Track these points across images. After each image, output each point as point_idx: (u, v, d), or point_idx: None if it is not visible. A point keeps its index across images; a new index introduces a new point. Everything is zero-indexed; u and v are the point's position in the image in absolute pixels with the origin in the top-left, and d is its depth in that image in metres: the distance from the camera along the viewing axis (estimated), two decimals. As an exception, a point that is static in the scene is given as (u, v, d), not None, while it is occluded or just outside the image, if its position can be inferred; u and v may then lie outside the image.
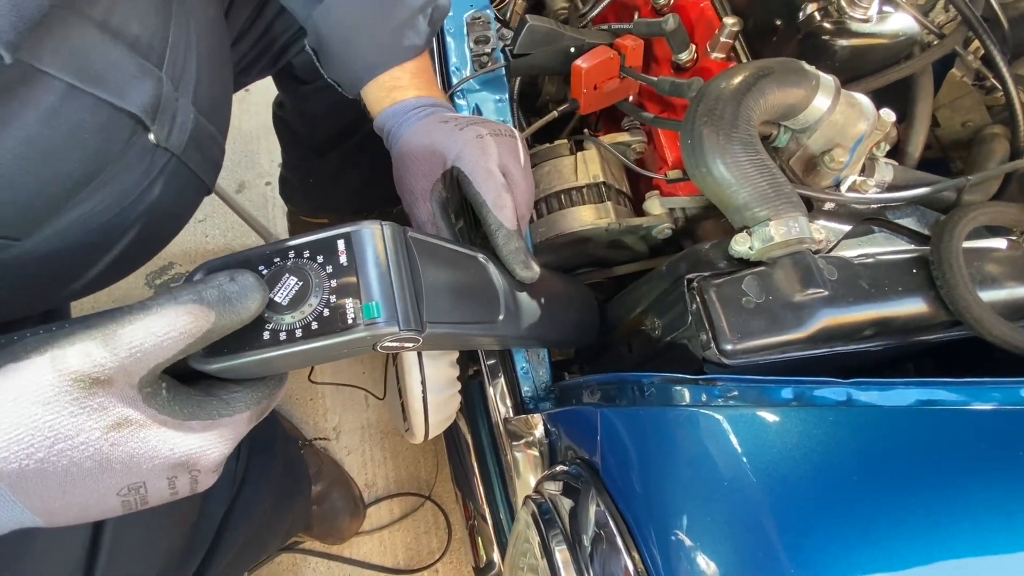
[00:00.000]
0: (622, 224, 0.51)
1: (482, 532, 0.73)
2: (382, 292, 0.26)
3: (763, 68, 0.34)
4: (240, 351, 0.26)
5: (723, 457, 0.29)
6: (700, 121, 0.34)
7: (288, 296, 0.26)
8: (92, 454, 0.24)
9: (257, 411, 0.28)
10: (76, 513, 0.25)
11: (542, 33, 0.52)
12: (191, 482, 0.27)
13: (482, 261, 0.36)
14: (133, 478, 0.25)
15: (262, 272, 0.27)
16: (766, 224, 0.33)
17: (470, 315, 0.33)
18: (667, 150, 0.56)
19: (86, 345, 0.23)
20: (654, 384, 0.33)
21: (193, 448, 0.26)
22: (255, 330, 0.26)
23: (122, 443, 0.24)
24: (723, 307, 0.33)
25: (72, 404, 0.23)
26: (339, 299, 0.26)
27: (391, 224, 0.28)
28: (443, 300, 0.30)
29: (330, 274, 0.26)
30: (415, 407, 0.54)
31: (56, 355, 0.23)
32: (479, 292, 0.34)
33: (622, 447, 0.32)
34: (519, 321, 0.37)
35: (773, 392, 0.31)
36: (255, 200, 1.13)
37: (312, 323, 0.26)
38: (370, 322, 0.25)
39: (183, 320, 0.24)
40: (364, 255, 0.27)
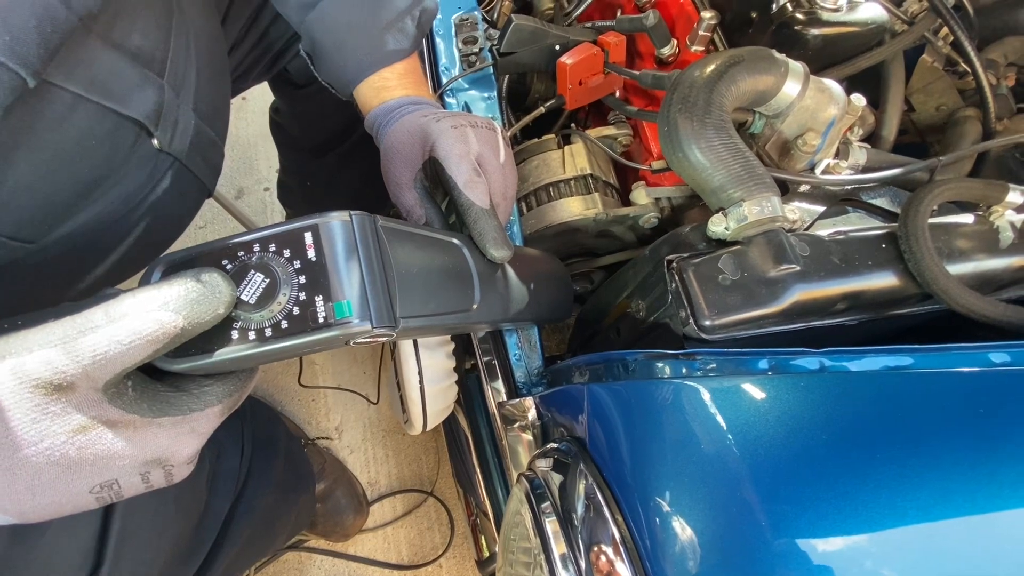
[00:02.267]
0: (609, 214, 0.53)
1: (484, 527, 0.74)
2: (353, 289, 0.25)
3: (734, 56, 0.36)
4: (208, 351, 0.25)
5: (702, 424, 0.31)
6: (675, 108, 0.36)
7: (255, 294, 0.25)
8: (58, 459, 0.23)
9: (229, 403, 0.28)
10: (49, 511, 0.24)
11: (527, 32, 0.54)
12: (166, 475, 0.27)
13: (457, 245, 0.35)
14: (104, 476, 0.25)
15: (227, 268, 0.26)
16: (740, 204, 0.34)
17: (444, 305, 0.32)
18: (652, 142, 0.57)
19: (46, 353, 0.22)
20: (637, 360, 0.35)
21: (164, 445, 0.26)
22: (223, 329, 0.25)
23: (88, 446, 0.24)
24: (700, 285, 0.34)
25: (33, 411, 0.22)
26: (309, 296, 0.25)
27: (360, 214, 0.27)
28: (416, 291, 0.29)
29: (298, 270, 0.25)
30: (413, 397, 0.56)
31: (15, 364, 0.22)
32: (454, 279, 0.33)
33: (606, 420, 0.33)
34: (494, 306, 0.37)
35: (750, 363, 0.32)
36: (254, 206, 1.15)
37: (282, 322, 0.25)
38: (342, 321, 0.25)
39: (149, 328, 0.23)
40: (333, 249, 0.26)
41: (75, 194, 0.38)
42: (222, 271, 0.25)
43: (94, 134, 0.36)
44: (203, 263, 0.26)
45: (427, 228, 0.34)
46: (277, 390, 1.03)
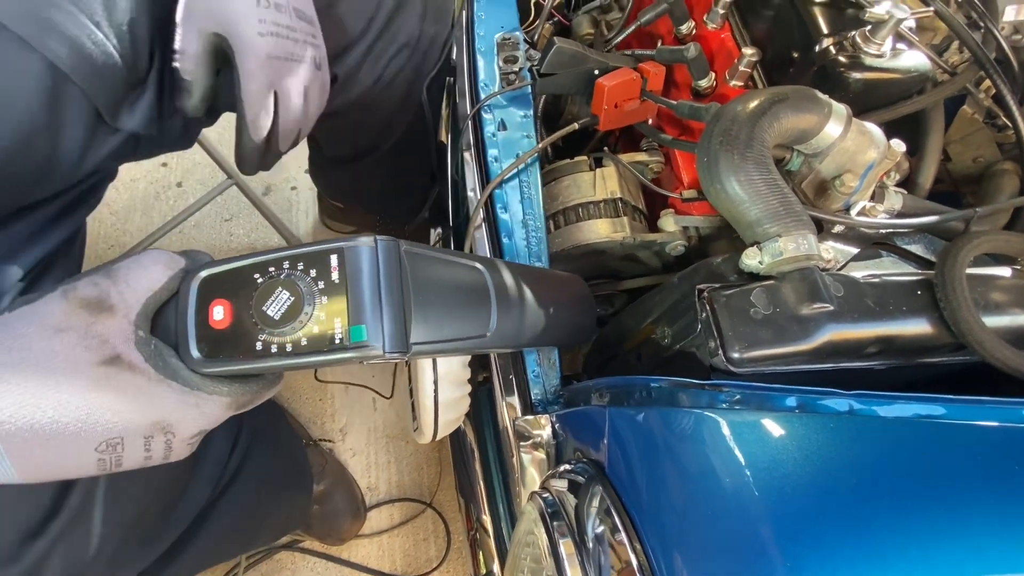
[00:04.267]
0: (637, 239, 0.53)
1: (483, 543, 0.73)
2: (369, 314, 0.27)
3: (778, 94, 0.36)
4: (234, 358, 0.28)
5: (726, 457, 0.30)
6: (716, 141, 0.36)
7: (280, 311, 0.27)
8: (84, 387, 0.25)
9: (239, 400, 0.29)
10: (52, 467, 0.26)
11: (568, 55, 0.55)
12: (165, 448, 0.28)
13: (480, 270, 0.36)
14: (113, 430, 0.26)
15: (258, 281, 0.28)
16: (776, 240, 0.35)
17: (459, 331, 0.33)
18: (683, 171, 0.58)
19: (92, 276, 0.27)
20: (661, 387, 0.34)
21: (170, 408, 0.27)
22: (248, 340, 0.27)
23: (110, 379, 0.26)
24: (731, 317, 0.34)
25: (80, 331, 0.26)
26: (328, 317, 0.27)
27: (385, 239, 0.29)
28: (432, 319, 0.30)
29: (321, 290, 0.27)
30: (426, 405, 0.56)
31: (66, 288, 0.27)
32: (471, 306, 0.34)
33: (627, 445, 0.33)
34: (509, 332, 0.37)
35: (777, 399, 0.32)
36: (280, 204, 1.17)
37: (302, 339, 0.27)
38: (356, 344, 0.26)
39: (163, 257, 0.29)
40: (355, 274, 0.27)
41: None
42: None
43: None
44: (238, 276, 0.29)
45: (450, 252, 0.35)
46: (286, 387, 1.04)
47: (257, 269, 0.28)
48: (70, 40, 0.35)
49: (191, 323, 0.29)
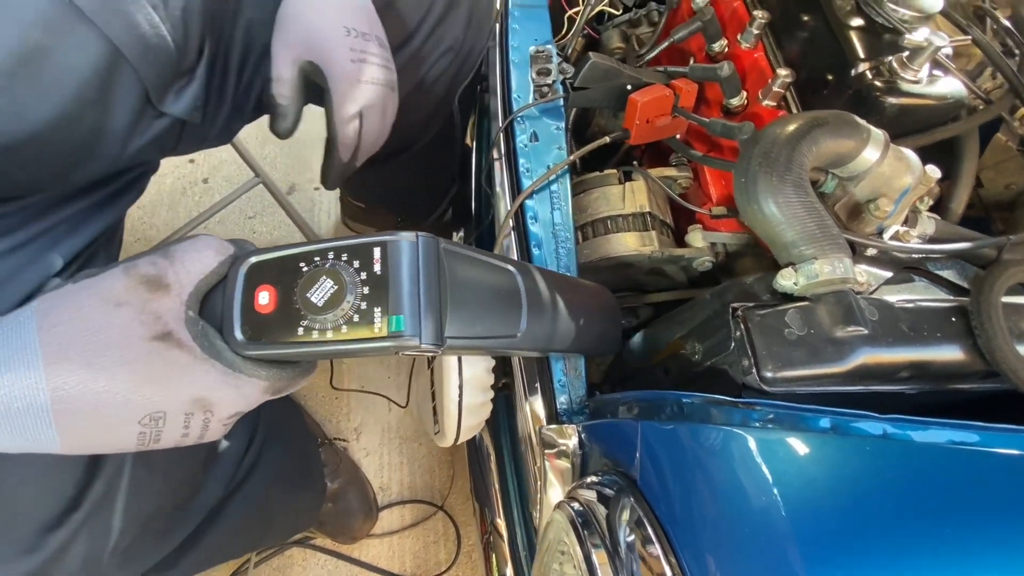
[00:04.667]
0: (664, 253, 0.54)
1: (496, 547, 0.73)
2: (408, 305, 0.28)
3: (818, 119, 0.37)
4: (276, 342, 0.29)
5: (760, 475, 0.31)
6: (756, 163, 0.37)
7: (323, 298, 0.28)
8: (135, 359, 0.27)
9: (275, 385, 0.30)
10: (94, 438, 0.27)
11: (602, 70, 0.56)
12: (203, 426, 0.29)
13: (512, 272, 0.37)
14: (158, 403, 0.27)
15: (303, 269, 0.29)
16: (812, 262, 0.35)
17: (491, 329, 0.34)
18: (712, 187, 0.58)
19: (151, 256, 0.29)
20: (694, 403, 0.35)
21: (212, 386, 0.28)
22: (291, 325, 0.28)
23: (160, 354, 0.27)
24: (765, 336, 0.35)
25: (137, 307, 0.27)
26: (369, 306, 0.28)
27: (426, 236, 0.30)
28: (466, 315, 0.31)
29: (363, 280, 0.28)
30: (450, 409, 0.57)
31: (127, 264, 0.28)
32: (502, 305, 0.35)
33: (661, 459, 0.34)
34: (539, 334, 0.38)
35: (811, 420, 0.32)
36: (303, 203, 1.19)
37: (342, 326, 0.28)
38: (394, 334, 0.27)
39: (214, 243, 0.30)
40: (397, 266, 0.28)
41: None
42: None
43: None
44: (285, 262, 0.30)
45: (485, 253, 0.36)
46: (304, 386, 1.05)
47: (303, 258, 0.29)
48: (128, 18, 0.36)
49: (237, 306, 0.30)
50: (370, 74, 0.45)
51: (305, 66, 0.44)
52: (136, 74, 0.39)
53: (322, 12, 0.44)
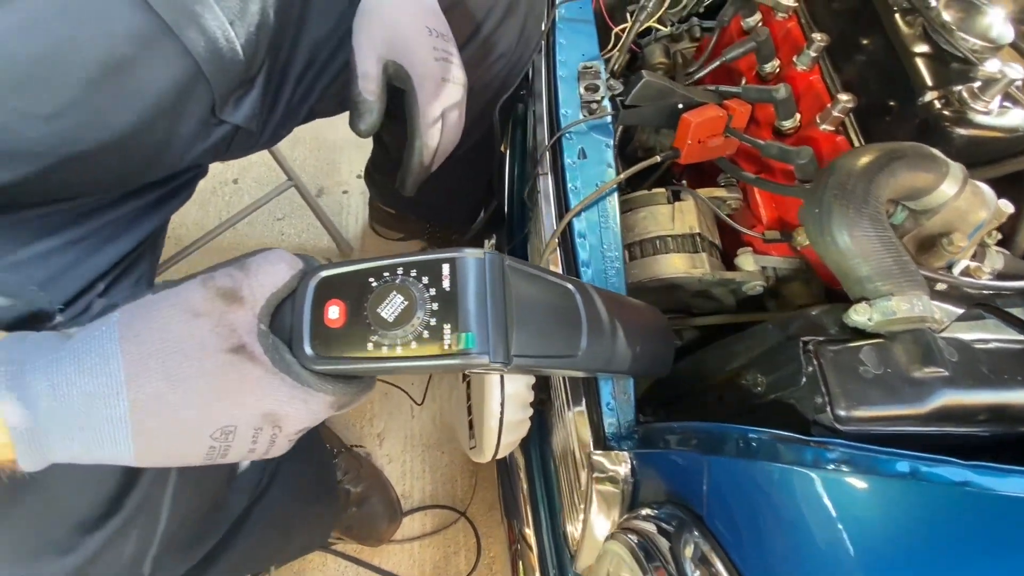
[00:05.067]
0: (715, 276, 0.53)
1: (524, 556, 0.73)
2: (477, 323, 0.27)
3: (896, 151, 0.36)
4: (345, 357, 0.28)
5: (834, 521, 0.30)
6: (831, 193, 0.36)
7: (394, 313, 0.28)
8: (212, 371, 0.26)
9: (340, 400, 0.30)
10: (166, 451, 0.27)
11: (655, 88, 0.56)
12: (270, 441, 0.29)
13: (572, 291, 0.37)
14: (230, 418, 0.27)
15: (372, 285, 0.29)
16: (888, 299, 0.34)
17: (554, 349, 0.34)
18: (762, 209, 0.57)
19: (227, 268, 0.29)
20: (762, 439, 0.34)
21: (281, 401, 0.28)
22: (361, 340, 0.28)
23: (234, 366, 0.27)
24: (840, 373, 0.34)
25: (215, 318, 0.27)
26: (438, 322, 0.28)
27: (492, 253, 0.30)
28: (530, 334, 0.31)
29: (433, 297, 0.28)
30: (490, 425, 0.56)
31: (204, 277, 0.28)
32: (564, 324, 0.35)
33: (731, 497, 0.33)
34: (598, 355, 0.38)
35: (887, 463, 0.31)
36: (331, 207, 1.19)
37: (412, 342, 0.28)
38: (463, 351, 0.27)
39: (287, 256, 0.30)
40: (466, 283, 0.28)
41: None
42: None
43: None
44: (354, 278, 0.30)
45: (545, 270, 0.35)
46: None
47: (372, 273, 0.29)
48: (209, 34, 0.37)
49: (307, 321, 0.29)
50: (452, 74, 0.45)
51: (389, 65, 0.43)
52: (208, 85, 0.39)
53: (403, 12, 0.44)
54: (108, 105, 0.35)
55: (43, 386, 0.25)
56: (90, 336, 0.27)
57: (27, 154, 0.34)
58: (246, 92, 0.46)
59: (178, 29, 0.35)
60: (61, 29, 0.32)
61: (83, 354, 0.26)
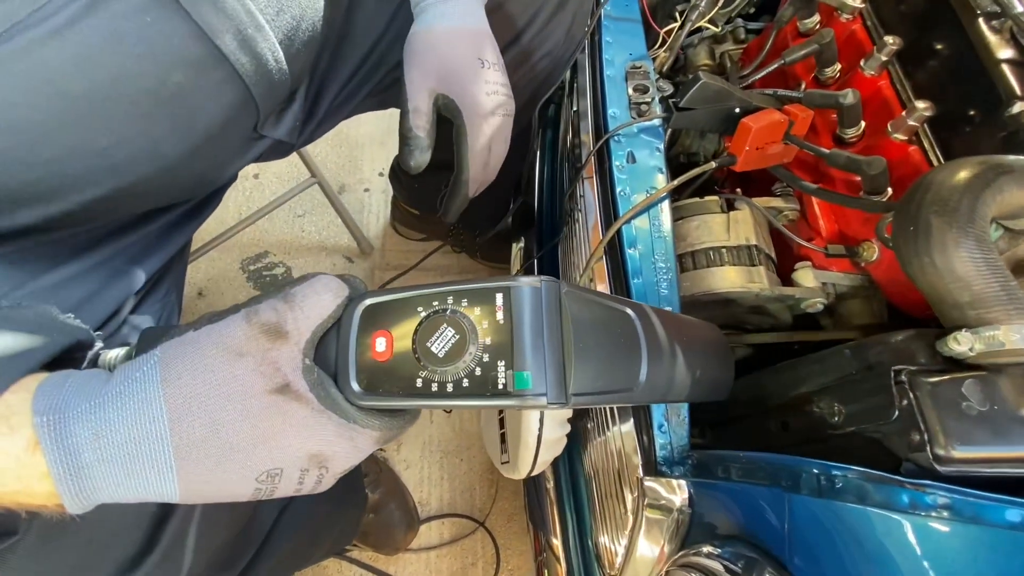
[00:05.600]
0: (774, 292, 0.50)
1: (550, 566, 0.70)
2: (534, 361, 0.26)
3: (1003, 165, 0.33)
4: (393, 393, 0.27)
5: (937, 573, 0.27)
6: (929, 209, 0.33)
7: (444, 348, 0.26)
8: (257, 415, 0.25)
9: (387, 435, 0.29)
10: (211, 492, 0.26)
11: (713, 91, 0.53)
12: (316, 481, 0.28)
13: (631, 316, 0.34)
14: (276, 461, 0.26)
15: (420, 313, 0.27)
16: (995, 328, 0.31)
17: (613, 384, 0.31)
18: (822, 221, 0.54)
19: (272, 301, 0.27)
20: (848, 477, 0.31)
21: (328, 440, 0.27)
22: (410, 376, 0.26)
23: (279, 407, 0.25)
24: (939, 409, 0.31)
25: (258, 357, 0.25)
26: (492, 359, 0.26)
27: (549, 281, 0.28)
28: (589, 369, 0.29)
29: (485, 330, 0.26)
30: (528, 442, 0.54)
31: (249, 311, 0.27)
32: (624, 355, 0.33)
33: (814, 538, 0.30)
34: (658, 386, 0.35)
35: (994, 511, 0.28)
36: (352, 204, 1.17)
37: (464, 380, 0.26)
38: (520, 392, 0.25)
39: (333, 284, 0.28)
40: (521, 316, 0.26)
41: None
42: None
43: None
44: (402, 307, 0.28)
45: (601, 295, 0.33)
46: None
47: (421, 302, 0.27)
48: (259, 58, 0.36)
49: (352, 354, 0.28)
50: (499, 104, 0.44)
51: (439, 98, 0.42)
52: (256, 106, 0.38)
53: (455, 43, 0.43)
54: (161, 135, 0.34)
55: (86, 435, 0.24)
56: (131, 378, 0.25)
57: (75, 188, 0.33)
58: (287, 106, 0.46)
59: (233, 57, 0.34)
60: (115, 62, 0.31)
61: (125, 398, 0.25)
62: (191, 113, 0.35)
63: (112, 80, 0.31)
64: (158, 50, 0.32)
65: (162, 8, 0.31)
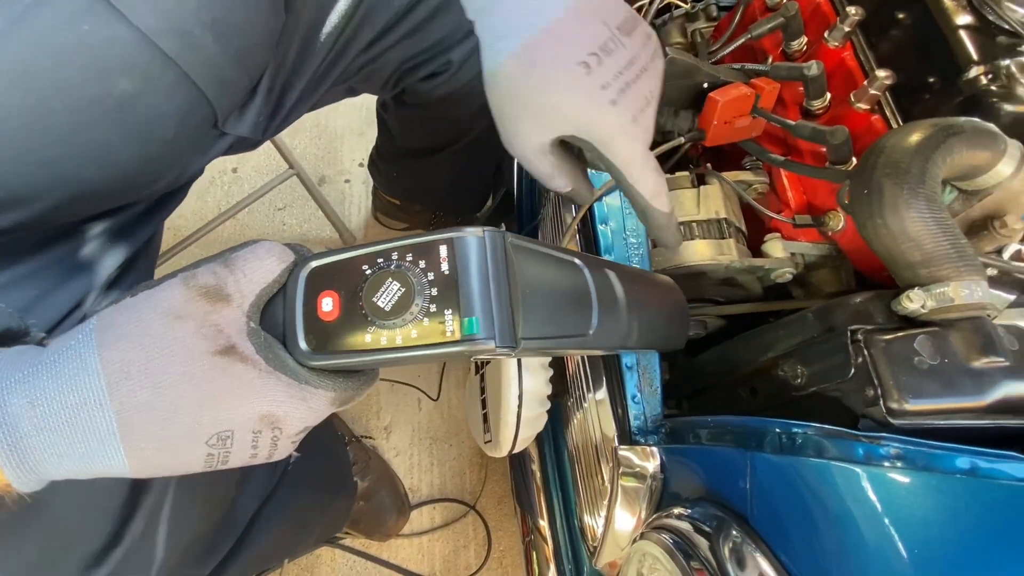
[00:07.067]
0: (743, 263, 0.51)
1: (538, 548, 0.72)
2: (481, 306, 0.26)
3: (953, 127, 0.34)
4: (343, 351, 0.27)
5: (889, 522, 0.28)
6: (881, 172, 0.33)
7: (390, 302, 0.26)
8: (200, 376, 0.25)
9: (342, 397, 0.29)
10: (163, 461, 0.26)
11: (681, 67, 0.53)
12: (271, 444, 0.27)
13: (579, 266, 0.34)
14: (225, 423, 0.26)
15: (366, 272, 0.27)
16: (944, 284, 0.32)
17: (563, 329, 0.32)
18: (790, 193, 0.55)
19: (210, 264, 0.27)
20: (808, 435, 0.32)
21: (279, 401, 0.26)
22: (358, 332, 0.26)
23: (224, 369, 0.25)
24: (893, 364, 0.32)
25: (198, 319, 0.25)
26: (439, 308, 0.26)
27: (492, 231, 0.28)
28: (538, 314, 0.29)
29: (431, 281, 0.26)
30: (507, 420, 0.54)
31: (187, 275, 0.26)
32: (573, 302, 0.33)
33: (778, 496, 0.31)
34: (611, 332, 0.36)
35: (944, 459, 0.29)
36: (333, 196, 1.16)
37: (412, 331, 0.26)
38: (468, 337, 0.25)
39: (276, 249, 0.28)
40: (466, 265, 0.26)
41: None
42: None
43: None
44: (347, 266, 0.28)
45: (550, 246, 0.33)
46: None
47: (365, 260, 0.27)
48: (210, 58, 0.35)
49: (299, 315, 0.28)
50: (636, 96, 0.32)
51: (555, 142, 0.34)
52: (212, 107, 0.37)
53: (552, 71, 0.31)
54: (112, 142, 0.34)
55: (22, 403, 0.23)
56: (66, 346, 0.25)
57: (22, 200, 0.33)
58: (249, 101, 0.45)
59: (179, 58, 0.33)
60: (55, 74, 0.30)
61: (60, 365, 0.24)
62: (142, 119, 0.35)
63: (53, 92, 0.30)
64: (100, 59, 0.31)
65: (98, 15, 0.30)
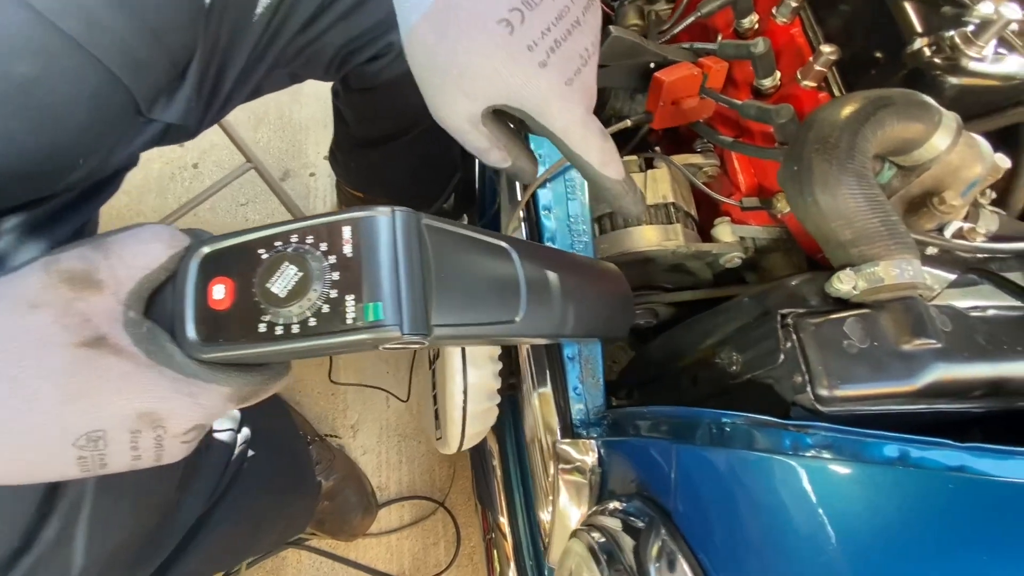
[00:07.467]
0: (691, 248, 0.49)
1: (499, 545, 0.70)
2: (387, 291, 0.24)
3: (883, 98, 0.32)
4: (235, 342, 0.25)
5: (816, 517, 0.27)
6: (810, 148, 0.32)
7: (286, 288, 0.24)
8: (58, 370, 0.22)
9: (241, 393, 0.26)
10: (27, 467, 0.23)
11: (626, 45, 0.51)
12: (156, 445, 0.25)
13: (506, 249, 0.32)
14: (94, 422, 0.23)
15: (262, 256, 0.25)
16: (875, 264, 0.31)
17: (484, 315, 0.30)
18: (741, 175, 0.53)
19: (79, 248, 0.24)
20: (737, 424, 0.31)
21: (161, 397, 0.24)
22: (251, 321, 0.24)
23: (90, 362, 0.23)
24: (821, 349, 0.30)
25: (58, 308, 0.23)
26: (340, 294, 0.24)
27: (403, 210, 0.26)
28: (455, 299, 0.27)
29: (332, 265, 0.24)
30: (453, 416, 0.53)
31: (48, 260, 0.24)
32: (498, 288, 0.31)
33: (702, 491, 0.29)
34: (541, 319, 0.34)
35: (873, 448, 0.28)
36: (298, 190, 1.14)
37: (310, 319, 0.24)
38: (371, 324, 0.24)
39: (165, 233, 0.25)
40: (371, 247, 0.24)
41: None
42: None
43: None
44: (242, 250, 0.25)
45: (474, 229, 0.31)
46: (296, 380, 1.01)
47: (262, 243, 0.25)
48: (116, 36, 0.33)
49: (189, 303, 0.25)
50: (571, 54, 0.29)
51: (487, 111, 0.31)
52: (128, 92, 0.35)
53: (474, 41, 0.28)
54: (15, 129, 0.31)
55: None
56: None
57: None
58: (177, 87, 0.42)
59: (85, 40, 0.31)
60: None
61: None
62: (47, 104, 0.32)
63: None
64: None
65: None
